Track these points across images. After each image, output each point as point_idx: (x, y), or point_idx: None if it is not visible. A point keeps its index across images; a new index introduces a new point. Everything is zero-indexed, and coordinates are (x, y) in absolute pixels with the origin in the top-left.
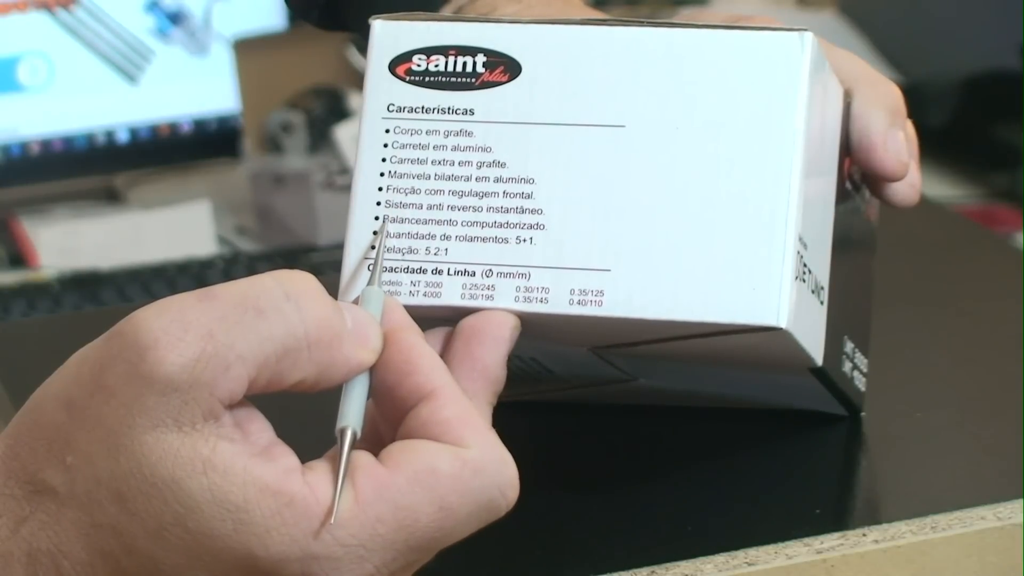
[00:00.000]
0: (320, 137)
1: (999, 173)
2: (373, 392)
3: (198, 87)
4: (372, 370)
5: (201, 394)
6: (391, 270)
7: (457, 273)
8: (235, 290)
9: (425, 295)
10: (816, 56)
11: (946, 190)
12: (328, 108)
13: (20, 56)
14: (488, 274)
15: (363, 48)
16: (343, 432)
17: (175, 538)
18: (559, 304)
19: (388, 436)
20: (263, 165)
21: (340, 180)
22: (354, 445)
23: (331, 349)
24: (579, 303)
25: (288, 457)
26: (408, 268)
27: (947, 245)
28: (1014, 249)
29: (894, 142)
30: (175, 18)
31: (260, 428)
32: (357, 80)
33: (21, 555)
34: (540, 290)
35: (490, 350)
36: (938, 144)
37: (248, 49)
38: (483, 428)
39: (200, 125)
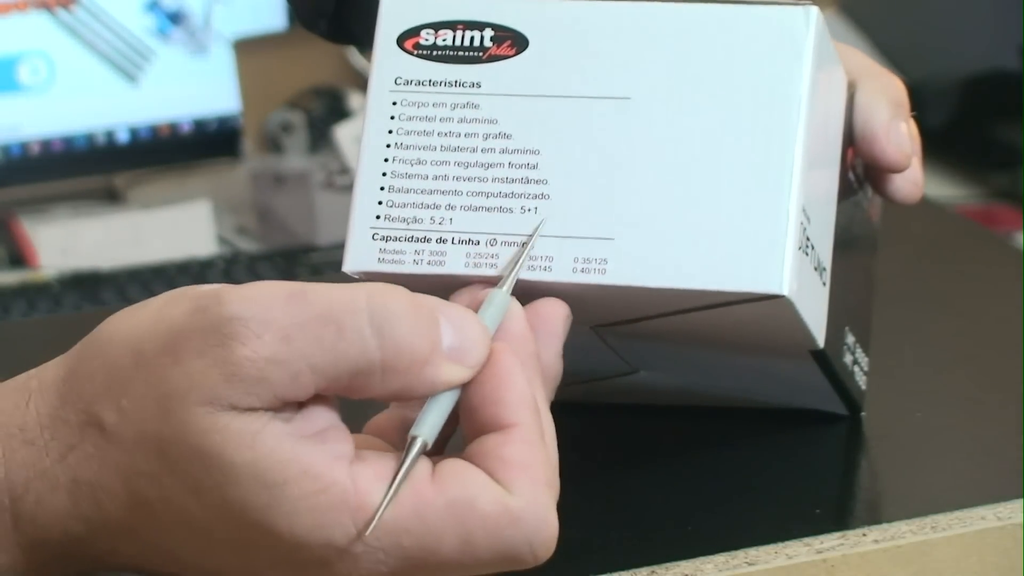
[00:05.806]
0: (320, 137)
1: (999, 173)
2: (460, 402)
3: (198, 87)
4: (466, 384)
5: (264, 391)
6: (394, 239)
7: (461, 242)
8: (324, 299)
9: (429, 264)
10: (821, 32)
11: (946, 190)
12: (328, 108)
13: (20, 56)
14: (492, 243)
15: (366, 53)
16: (413, 440)
17: (210, 500)
18: (563, 272)
19: (468, 437)
20: (263, 165)
21: (340, 180)
22: (420, 456)
23: (408, 375)
24: (583, 271)
25: (341, 444)
26: (412, 237)
27: (947, 245)
28: (1014, 249)
29: (897, 133)
30: (175, 18)
31: (321, 409)
32: (357, 80)
33: (67, 481)
34: (544, 259)
35: (546, 347)
36: (938, 144)
37: (248, 49)
38: (539, 479)
39: (200, 125)
